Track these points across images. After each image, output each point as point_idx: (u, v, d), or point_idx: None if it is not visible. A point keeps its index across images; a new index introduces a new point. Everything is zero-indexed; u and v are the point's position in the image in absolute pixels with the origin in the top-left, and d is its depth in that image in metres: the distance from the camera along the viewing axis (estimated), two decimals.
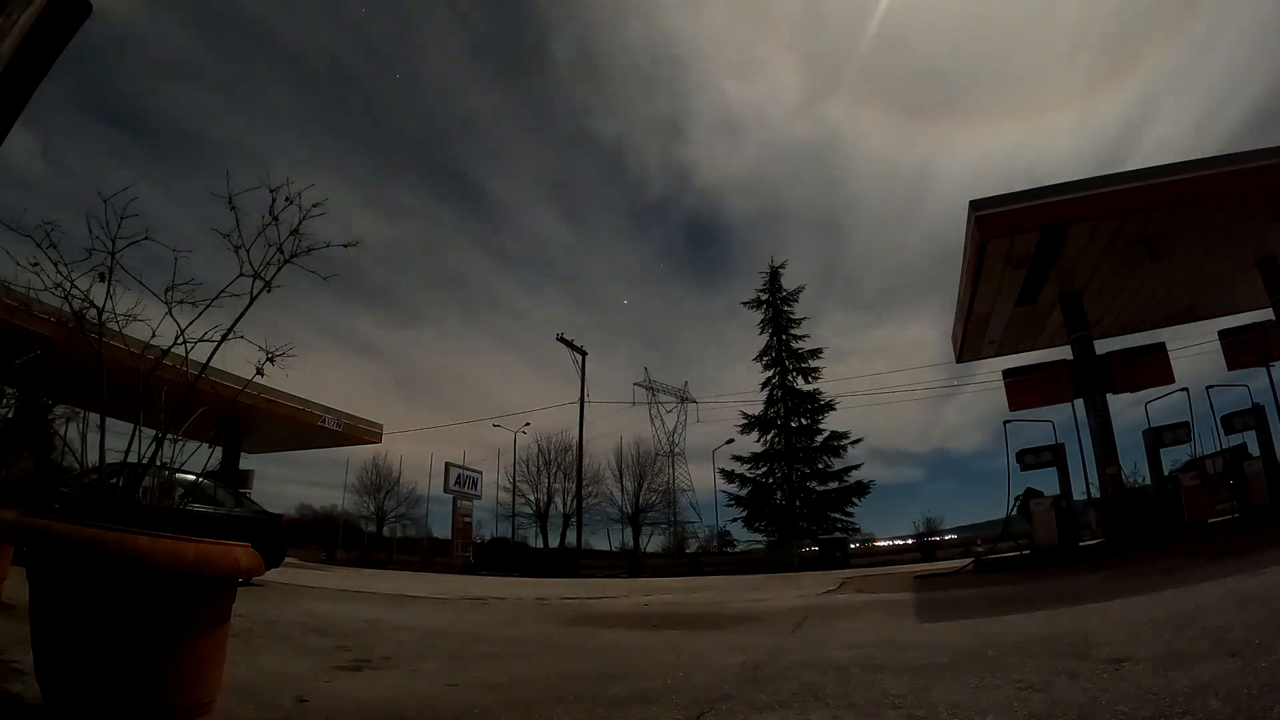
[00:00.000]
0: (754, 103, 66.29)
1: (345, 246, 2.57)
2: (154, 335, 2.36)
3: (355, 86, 63.08)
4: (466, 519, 28.72)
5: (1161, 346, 12.14)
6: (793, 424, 34.33)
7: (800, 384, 34.92)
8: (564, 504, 36.49)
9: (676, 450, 39.37)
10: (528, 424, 36.09)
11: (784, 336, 35.51)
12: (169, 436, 2.28)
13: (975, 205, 9.74)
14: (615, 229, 72.14)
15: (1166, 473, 11.57)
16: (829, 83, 63.75)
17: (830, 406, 34.13)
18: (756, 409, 35.19)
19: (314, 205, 2.42)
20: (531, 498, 37.27)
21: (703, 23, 62.47)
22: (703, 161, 70.03)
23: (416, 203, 68.59)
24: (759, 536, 33.86)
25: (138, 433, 2.23)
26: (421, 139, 68.33)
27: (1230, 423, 11.32)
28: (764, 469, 34.58)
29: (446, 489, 28.12)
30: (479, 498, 30.30)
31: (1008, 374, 12.93)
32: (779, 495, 33.80)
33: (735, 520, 35.13)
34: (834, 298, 65.52)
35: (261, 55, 58.93)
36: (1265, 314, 11.33)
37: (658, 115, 67.27)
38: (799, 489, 33.30)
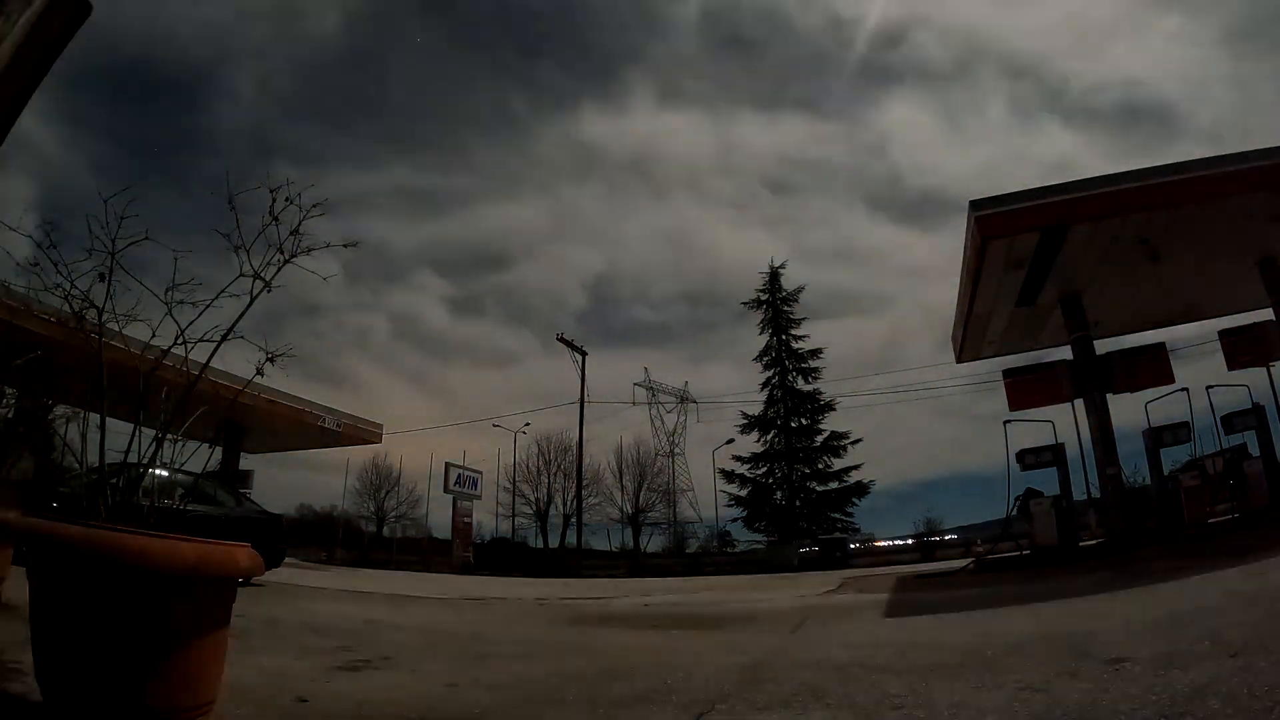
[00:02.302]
0: None
1: (345, 246, 2.57)
2: (154, 335, 2.36)
3: None
4: (466, 519, 28.71)
5: (1161, 346, 12.13)
6: (793, 424, 34.34)
7: (800, 384, 34.96)
8: (564, 504, 36.50)
9: (676, 450, 39.39)
10: (528, 424, 36.11)
11: (784, 337, 35.54)
12: (169, 437, 2.28)
13: (975, 205, 9.72)
14: None
15: (1166, 473, 11.57)
16: None
17: (830, 406, 34.18)
18: (756, 409, 35.25)
19: (314, 205, 2.42)
20: (532, 498, 37.29)
21: None
22: None
23: None
24: (759, 536, 33.91)
25: (138, 433, 2.23)
26: None
27: (1230, 423, 11.32)
28: (764, 469, 34.60)
29: (446, 489, 28.11)
30: (479, 498, 30.32)
31: (1008, 374, 12.92)
32: (779, 495, 33.81)
33: (735, 520, 35.19)
34: None
35: None
36: (1265, 314, 11.32)
37: None
38: (799, 489, 33.31)
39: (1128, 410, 12.12)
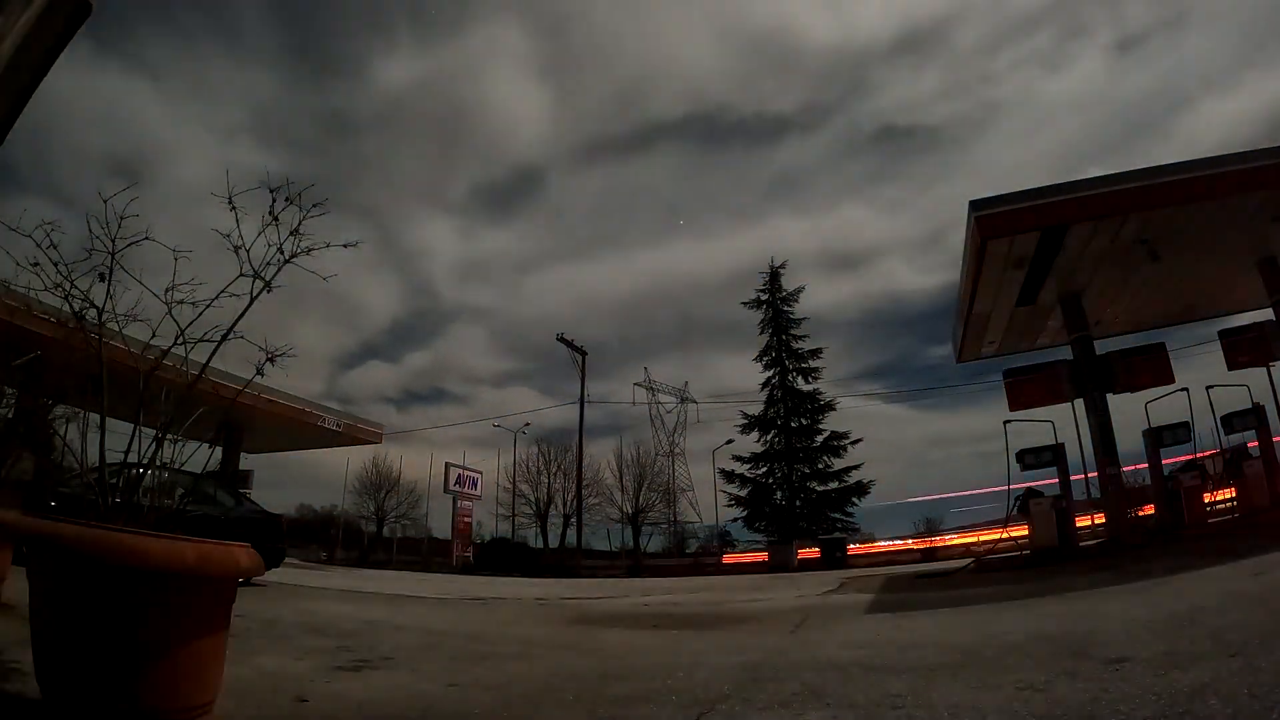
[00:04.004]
0: None
1: (345, 246, 2.57)
2: (154, 335, 2.36)
3: None
4: (466, 519, 28.72)
5: (1161, 346, 12.12)
6: (793, 424, 34.32)
7: (800, 384, 34.95)
8: (564, 504, 36.44)
9: (676, 450, 39.34)
10: (528, 424, 36.08)
11: (784, 336, 35.52)
12: (169, 437, 2.29)
13: (975, 205, 9.73)
14: None
15: (1166, 473, 11.57)
16: None
17: (830, 406, 34.14)
18: (757, 409, 35.24)
19: (314, 205, 2.42)
20: (532, 498, 37.25)
21: None
22: None
23: None
24: (759, 536, 33.84)
25: (138, 433, 2.23)
26: None
27: (1230, 423, 11.32)
28: (764, 469, 34.55)
29: (446, 489, 28.12)
30: (479, 498, 30.32)
31: (1008, 374, 12.91)
32: (779, 495, 33.77)
33: (735, 520, 35.14)
34: None
35: None
36: (1265, 314, 11.33)
37: None
38: (799, 489, 33.28)
39: (1128, 410, 12.11)
